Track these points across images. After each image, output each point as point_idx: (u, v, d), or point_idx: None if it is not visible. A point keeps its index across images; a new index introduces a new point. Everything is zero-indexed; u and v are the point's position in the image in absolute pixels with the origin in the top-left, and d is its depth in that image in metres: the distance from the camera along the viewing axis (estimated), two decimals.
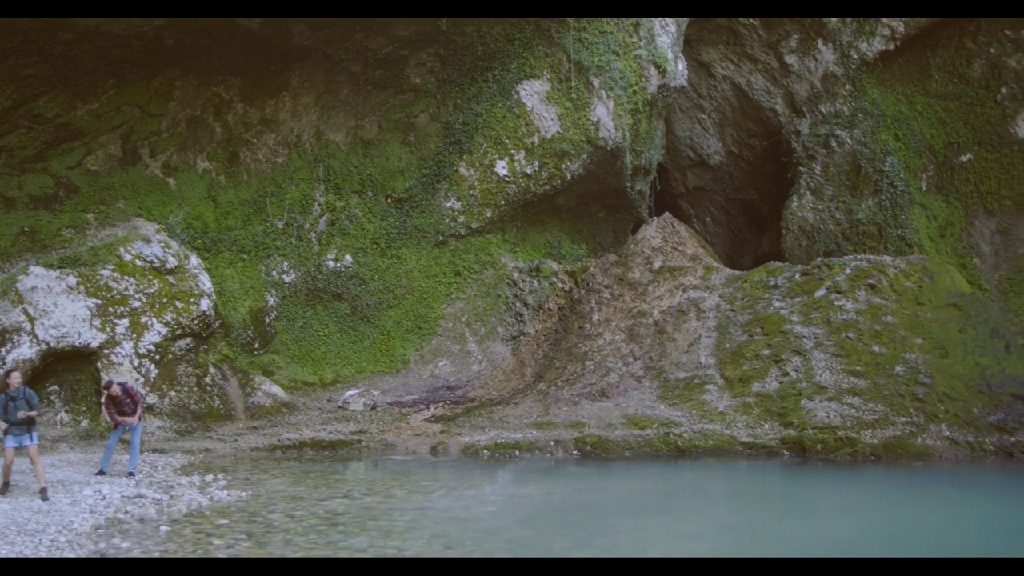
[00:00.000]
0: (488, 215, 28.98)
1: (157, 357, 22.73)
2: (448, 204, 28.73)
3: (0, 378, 18.25)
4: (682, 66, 30.37)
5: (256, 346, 25.67)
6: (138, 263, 23.30)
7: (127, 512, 13.69)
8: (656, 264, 27.05)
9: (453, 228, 28.84)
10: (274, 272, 27.01)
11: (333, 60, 27.57)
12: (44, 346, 21.23)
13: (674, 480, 18.12)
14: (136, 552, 11.40)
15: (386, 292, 27.96)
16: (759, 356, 22.74)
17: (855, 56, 30.53)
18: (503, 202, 28.94)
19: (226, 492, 15.35)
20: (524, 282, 28.64)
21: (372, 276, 27.99)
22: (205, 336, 24.11)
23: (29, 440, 14.51)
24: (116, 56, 23.64)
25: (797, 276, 24.76)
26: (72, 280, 22.16)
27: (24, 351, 20.93)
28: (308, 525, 12.97)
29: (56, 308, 21.63)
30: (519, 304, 28.36)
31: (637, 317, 25.57)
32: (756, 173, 34.47)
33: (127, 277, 22.91)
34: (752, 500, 16.41)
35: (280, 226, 27.53)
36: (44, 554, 11.05)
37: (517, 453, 19.99)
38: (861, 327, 22.38)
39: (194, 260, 24.54)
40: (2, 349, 20.84)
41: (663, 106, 31.00)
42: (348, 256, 27.98)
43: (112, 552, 11.35)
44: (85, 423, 21.42)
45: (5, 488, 14.65)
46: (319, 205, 28.22)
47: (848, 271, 23.95)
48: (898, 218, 29.33)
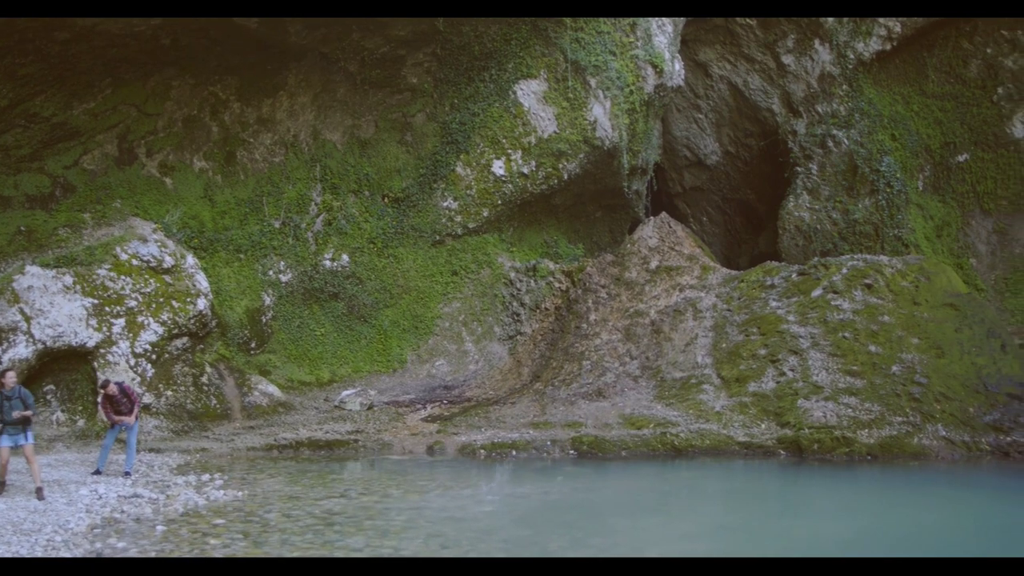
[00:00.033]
0: (485, 215, 28.98)
1: (153, 357, 22.71)
2: (445, 204, 28.72)
3: None
4: (679, 66, 30.39)
5: (253, 346, 25.65)
6: (134, 262, 23.28)
7: (123, 512, 13.67)
8: (653, 264, 27.05)
9: (450, 228, 28.84)
10: (271, 272, 26.99)
11: (330, 60, 27.55)
12: (40, 345, 21.20)
13: (671, 480, 18.12)
14: (132, 552, 11.38)
15: (383, 292, 27.94)
16: (756, 356, 22.75)
17: (852, 56, 30.56)
18: (500, 202, 28.94)
19: (222, 492, 15.34)
20: (521, 282, 28.63)
21: (369, 276, 27.97)
22: (202, 336, 24.09)
23: (24, 439, 14.50)
24: (113, 55, 23.61)
25: (794, 276, 24.77)
26: (68, 279, 22.13)
27: (20, 350, 20.91)
28: (304, 525, 12.96)
29: (52, 307, 21.60)
30: (516, 304, 28.36)
31: (634, 317, 25.57)
32: (753, 173, 34.49)
33: (123, 276, 22.89)
34: (749, 500, 16.42)
35: (277, 226, 27.51)
36: (40, 554, 11.03)
37: (514, 453, 19.98)
38: (857, 327, 22.39)
39: (191, 259, 24.52)
40: None
41: (660, 106, 31.02)
42: (345, 256, 27.97)
43: (108, 552, 11.34)
44: (81, 423, 21.39)
45: (1, 488, 14.63)
46: (316, 205, 28.20)
47: (844, 271, 23.96)
48: (895, 218, 29.36)
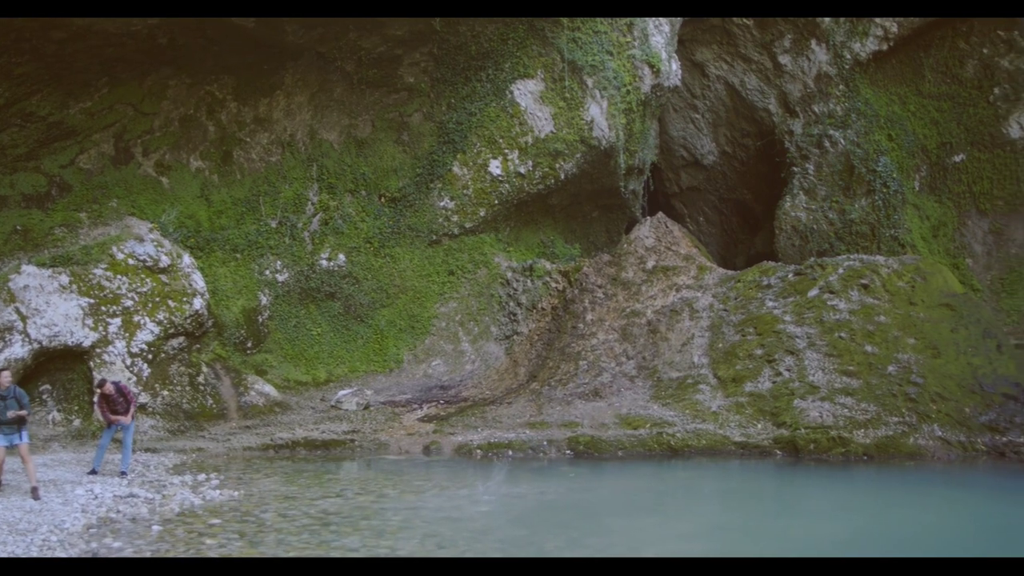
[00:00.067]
0: (482, 214, 28.97)
1: (150, 356, 22.69)
2: (442, 203, 28.70)
3: None
4: (676, 66, 30.39)
5: (249, 345, 25.63)
6: (131, 262, 23.26)
7: (119, 512, 13.66)
8: (649, 264, 27.06)
9: (447, 227, 28.82)
10: (267, 271, 26.97)
11: (327, 59, 27.54)
12: (36, 345, 21.18)
13: (667, 480, 18.13)
14: (128, 552, 11.37)
15: (379, 291, 27.92)
16: (752, 356, 22.76)
17: (848, 56, 30.58)
18: (497, 201, 28.93)
19: (218, 491, 15.33)
20: (518, 282, 28.62)
21: (365, 275, 27.95)
22: (198, 335, 24.07)
23: (20, 439, 14.48)
24: (109, 55, 23.60)
25: (790, 276, 24.77)
26: (64, 279, 22.11)
27: (16, 350, 20.89)
28: (301, 525, 12.95)
29: (48, 307, 21.58)
30: (512, 304, 28.35)
31: (630, 317, 25.57)
32: (749, 173, 34.50)
33: (120, 276, 22.87)
34: (745, 500, 16.42)
35: (273, 225, 27.49)
36: (35, 554, 11.02)
37: (510, 453, 19.98)
38: (854, 327, 22.40)
39: (187, 259, 24.50)
40: None
41: (657, 106, 31.01)
42: (341, 255, 27.94)
43: (104, 552, 11.33)
44: (77, 422, 21.37)
45: None
46: (312, 204, 28.18)
47: (841, 271, 23.97)
48: (891, 218, 29.39)
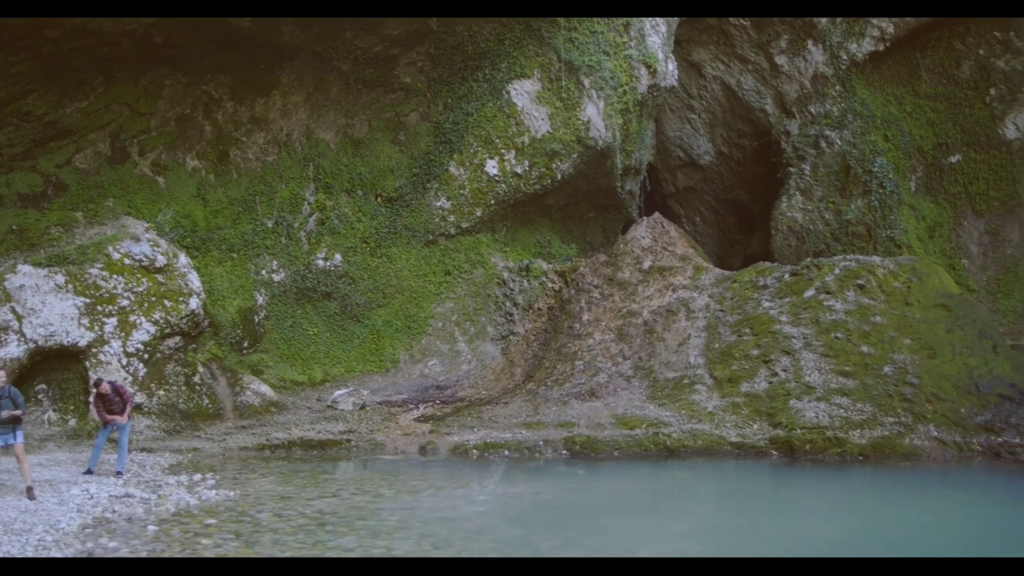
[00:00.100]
0: (478, 214, 28.96)
1: (145, 356, 22.66)
2: (438, 203, 28.69)
3: None
4: (672, 66, 30.41)
5: (245, 345, 25.60)
6: (127, 262, 23.23)
7: (115, 511, 13.64)
8: (646, 264, 27.06)
9: (443, 227, 28.81)
10: (263, 271, 26.94)
11: (323, 59, 27.52)
12: (32, 345, 21.15)
13: (663, 480, 18.14)
14: (124, 552, 11.36)
15: (376, 291, 27.90)
16: (748, 356, 22.77)
17: (845, 57, 30.62)
18: (493, 202, 28.92)
19: (214, 492, 15.31)
20: (514, 282, 28.62)
21: (362, 275, 27.93)
22: (194, 335, 24.04)
23: (14, 439, 14.44)
24: (105, 54, 23.56)
25: (786, 276, 24.79)
26: (60, 278, 22.07)
27: (12, 350, 20.85)
28: (296, 525, 12.94)
29: (44, 307, 21.55)
30: (509, 304, 28.35)
31: (627, 317, 25.58)
32: (746, 173, 34.53)
33: (116, 276, 22.84)
34: (741, 500, 16.44)
35: (270, 225, 27.46)
36: (31, 554, 11.00)
37: (506, 453, 19.97)
38: (850, 327, 22.42)
39: (183, 259, 24.47)
40: None
41: (653, 106, 31.02)
42: (338, 255, 27.93)
43: (100, 552, 11.31)
44: (73, 422, 21.34)
45: None
46: (309, 204, 28.16)
47: (837, 271, 23.99)
48: (887, 219, 29.43)
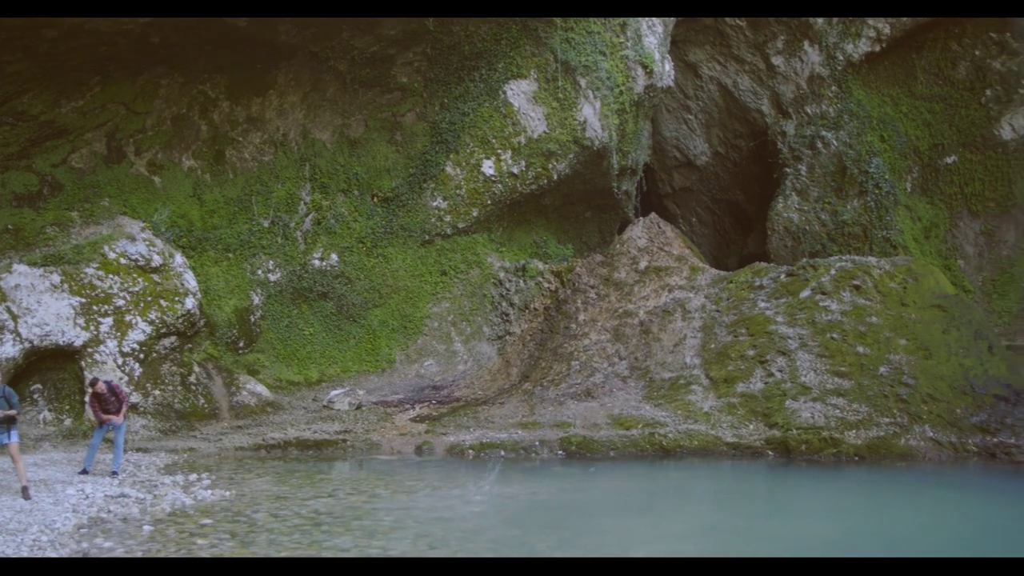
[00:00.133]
0: (474, 215, 28.96)
1: (141, 356, 22.64)
2: (434, 203, 28.69)
3: None
4: (669, 66, 30.41)
5: (241, 345, 25.59)
6: (122, 261, 23.20)
7: (110, 511, 13.62)
8: (642, 264, 27.07)
9: (439, 227, 28.80)
10: (259, 271, 26.92)
11: (319, 59, 27.51)
12: (27, 344, 21.12)
13: (659, 480, 18.14)
14: (119, 552, 11.34)
15: (372, 291, 27.89)
16: (744, 356, 22.78)
17: (841, 57, 30.63)
18: (489, 202, 28.92)
19: (210, 492, 15.30)
20: (510, 282, 28.62)
21: (358, 275, 27.92)
22: (190, 335, 24.02)
23: (9, 438, 14.41)
24: (101, 53, 23.52)
25: (782, 277, 24.80)
26: (56, 278, 22.05)
27: (7, 349, 20.82)
28: (292, 525, 12.93)
29: (40, 306, 21.52)
30: (505, 304, 28.35)
31: (623, 317, 25.58)
32: (742, 174, 34.55)
33: (111, 275, 22.81)
34: (737, 500, 16.44)
35: (266, 225, 27.44)
36: (26, 554, 10.98)
37: (502, 453, 19.97)
38: (846, 328, 22.44)
39: (179, 258, 24.45)
40: None
41: (650, 106, 31.03)
42: (334, 255, 27.91)
43: (95, 552, 11.30)
44: (68, 422, 21.31)
45: None
46: (305, 204, 28.14)
47: (833, 272, 24.00)
48: (883, 219, 29.45)
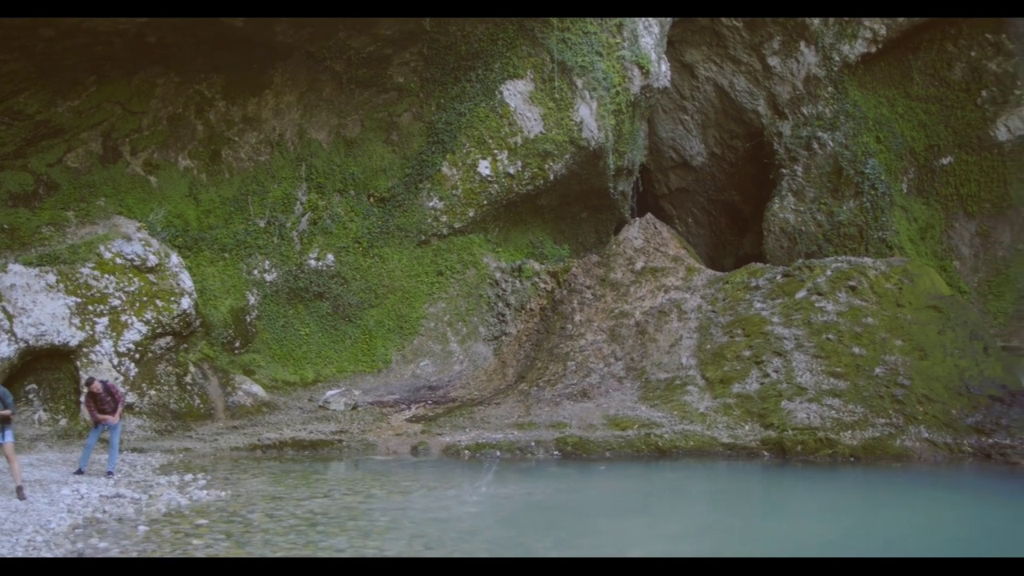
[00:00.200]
0: (471, 215, 28.95)
1: (137, 356, 22.61)
2: (431, 204, 28.68)
3: None
4: (665, 67, 30.42)
5: (237, 345, 25.56)
6: (118, 261, 23.18)
7: (105, 512, 13.61)
8: (638, 265, 27.08)
9: (435, 228, 28.79)
10: (255, 271, 26.90)
11: (316, 59, 27.49)
12: (23, 344, 21.09)
13: (655, 481, 18.14)
14: (114, 552, 11.33)
15: (368, 292, 27.88)
16: (740, 357, 22.79)
17: (837, 58, 30.67)
18: (486, 202, 28.91)
19: (205, 492, 15.29)
20: (506, 282, 28.61)
21: (354, 275, 27.90)
22: (185, 335, 24.00)
23: (3, 438, 14.37)
24: (97, 53, 23.49)
25: (778, 278, 24.81)
26: (51, 278, 22.02)
27: (2, 349, 20.79)
28: (288, 525, 12.92)
29: (35, 306, 21.49)
30: (501, 304, 28.34)
31: (619, 318, 25.59)
32: (738, 174, 34.56)
33: (107, 275, 22.79)
34: (732, 501, 16.45)
35: (262, 225, 27.42)
36: (21, 554, 10.97)
37: (498, 453, 19.96)
38: (841, 329, 22.45)
39: (175, 258, 24.42)
40: None
41: (646, 107, 31.04)
42: (330, 255, 27.90)
43: (90, 552, 11.29)
44: (63, 422, 21.29)
45: None
46: (301, 204, 28.12)
47: (829, 273, 24.02)
48: (879, 220, 29.49)
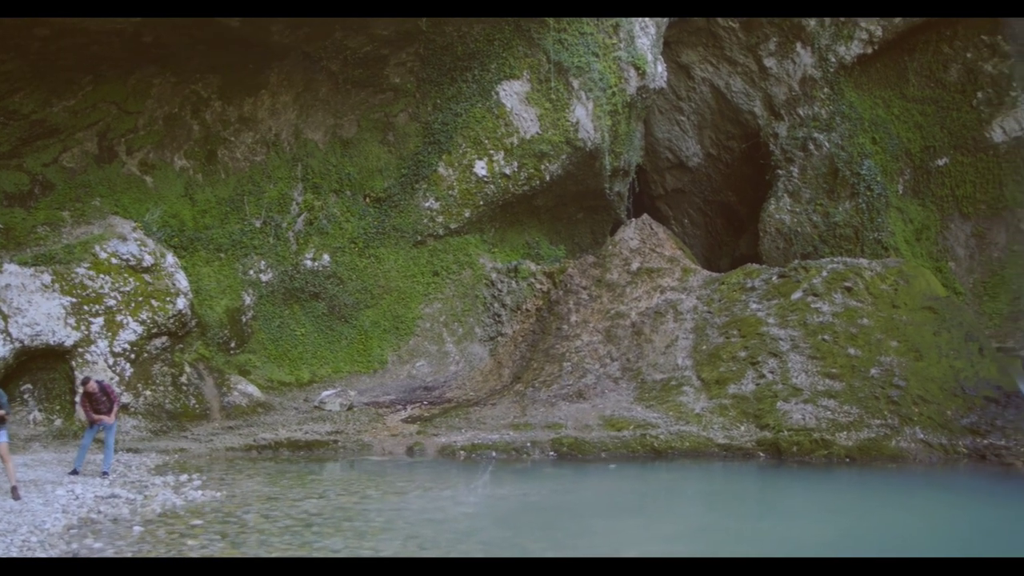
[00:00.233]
0: (467, 215, 28.94)
1: (132, 356, 22.58)
2: (427, 204, 28.67)
3: None
4: (661, 68, 30.43)
5: (232, 345, 25.53)
6: (114, 261, 23.15)
7: (100, 512, 13.60)
8: (634, 265, 27.09)
9: (431, 228, 28.78)
10: (251, 271, 26.87)
11: (312, 59, 27.46)
12: (18, 344, 21.06)
13: (650, 481, 18.16)
14: (109, 552, 11.32)
15: (364, 292, 27.86)
16: (736, 358, 22.81)
17: (833, 59, 30.70)
18: (482, 202, 28.91)
19: (200, 492, 15.28)
20: (502, 283, 28.61)
21: (350, 276, 27.88)
22: (181, 335, 23.97)
23: None
24: (93, 53, 23.46)
25: (774, 278, 24.83)
26: (47, 278, 21.98)
27: None
28: (283, 526, 12.92)
29: (30, 306, 21.45)
30: (497, 305, 28.34)
31: (615, 318, 25.60)
32: (734, 175, 34.59)
33: (102, 275, 22.76)
34: (728, 501, 16.47)
35: (258, 225, 27.39)
36: (15, 554, 10.96)
37: (493, 454, 19.96)
38: (837, 329, 22.48)
39: (170, 258, 24.40)
40: None
41: (642, 108, 31.05)
42: (326, 255, 27.88)
43: (85, 552, 11.28)
44: (59, 422, 21.25)
45: None
46: (297, 204, 28.10)
47: (824, 274, 24.04)
48: (874, 221, 29.52)
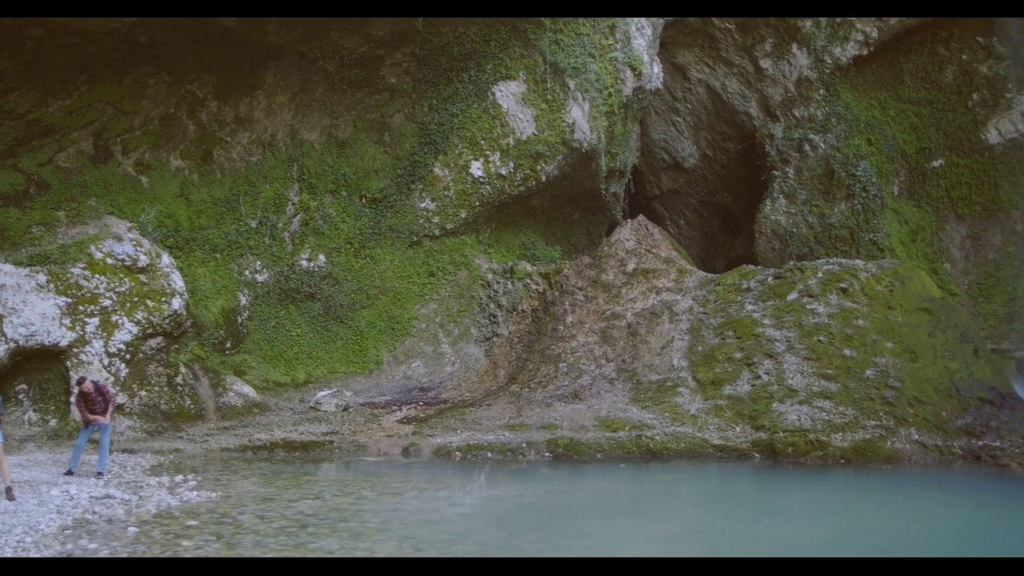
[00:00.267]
0: (462, 216, 28.95)
1: (127, 356, 22.55)
2: (422, 205, 28.67)
3: None
4: (657, 69, 30.46)
5: (228, 346, 25.51)
6: (109, 261, 23.11)
7: (95, 513, 13.57)
8: (630, 266, 27.11)
9: (427, 229, 28.78)
10: (247, 271, 26.85)
11: (308, 59, 27.46)
12: (13, 344, 21.02)
13: (645, 482, 18.16)
14: (104, 553, 11.30)
15: (359, 292, 27.86)
16: (731, 359, 22.82)
17: (829, 61, 30.73)
18: (478, 203, 28.91)
19: (196, 493, 15.25)
20: (498, 283, 28.62)
21: (345, 276, 27.88)
22: (176, 335, 23.93)
23: None
24: (88, 53, 23.44)
25: (770, 279, 24.86)
26: (42, 278, 21.94)
27: None
28: (278, 526, 12.90)
29: (25, 306, 21.41)
30: (493, 305, 28.35)
31: (610, 319, 25.61)
32: (730, 176, 34.62)
33: (98, 275, 22.72)
34: (723, 502, 16.48)
35: (253, 225, 27.37)
36: (10, 555, 10.94)
37: (489, 455, 19.95)
38: (832, 331, 22.51)
39: (166, 259, 24.36)
40: None
41: (638, 108, 31.07)
42: (321, 256, 27.86)
43: (79, 553, 11.25)
44: (53, 422, 21.21)
45: None
46: (293, 204, 28.09)
47: (820, 275, 24.07)
48: (870, 222, 29.55)
